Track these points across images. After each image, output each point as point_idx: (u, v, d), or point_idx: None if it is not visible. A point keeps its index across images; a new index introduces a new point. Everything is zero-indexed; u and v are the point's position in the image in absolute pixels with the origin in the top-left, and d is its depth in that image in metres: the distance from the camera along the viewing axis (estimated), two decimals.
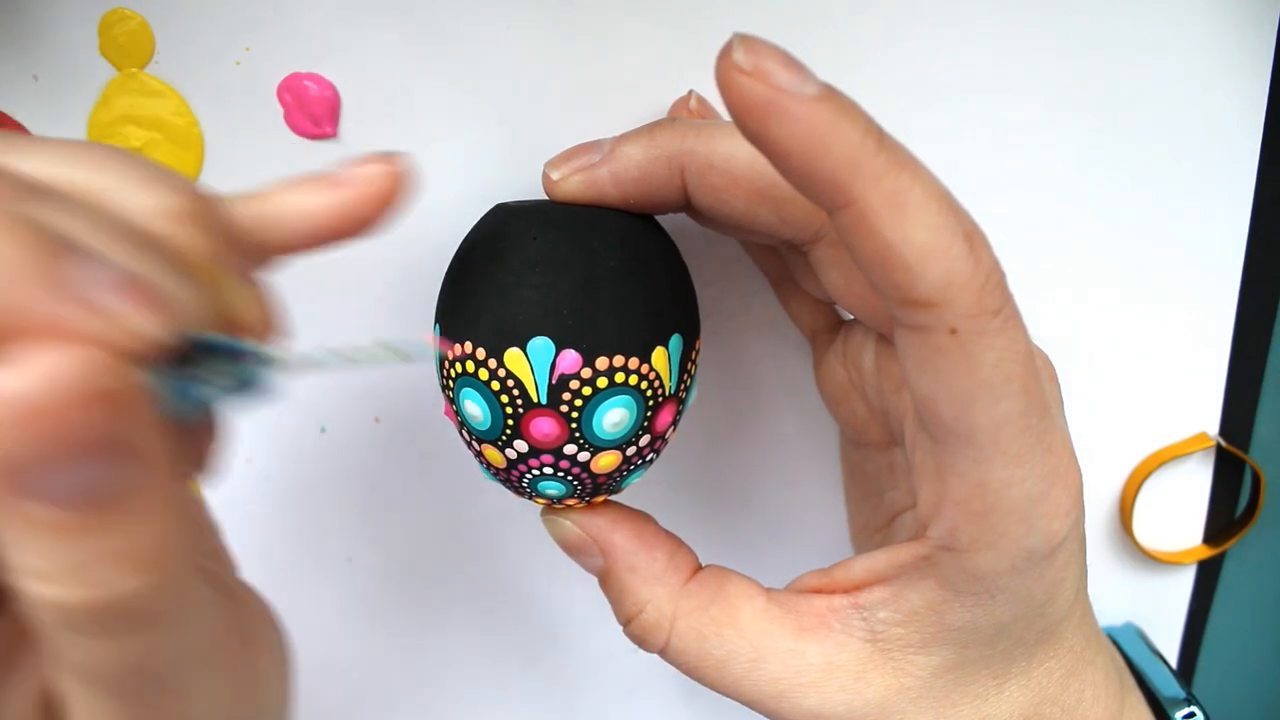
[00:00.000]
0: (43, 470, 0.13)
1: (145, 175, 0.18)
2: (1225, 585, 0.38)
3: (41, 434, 0.13)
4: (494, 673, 0.38)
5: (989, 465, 0.20)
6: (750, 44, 0.17)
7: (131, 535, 0.15)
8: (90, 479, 0.14)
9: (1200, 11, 0.29)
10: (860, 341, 0.27)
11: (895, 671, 0.24)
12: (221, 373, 0.17)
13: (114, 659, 0.16)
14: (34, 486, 0.14)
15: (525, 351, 0.22)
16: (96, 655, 0.16)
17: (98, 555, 0.14)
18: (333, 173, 0.21)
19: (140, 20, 0.27)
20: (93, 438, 0.14)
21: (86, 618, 0.15)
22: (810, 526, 0.35)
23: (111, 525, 0.14)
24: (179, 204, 0.18)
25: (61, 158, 0.17)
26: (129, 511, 0.15)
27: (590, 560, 0.26)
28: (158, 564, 0.15)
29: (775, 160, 0.18)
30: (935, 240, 0.18)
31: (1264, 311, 0.33)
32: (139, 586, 0.15)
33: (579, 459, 0.24)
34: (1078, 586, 0.24)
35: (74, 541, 0.14)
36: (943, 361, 0.19)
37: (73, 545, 0.14)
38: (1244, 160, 0.31)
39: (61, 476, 0.14)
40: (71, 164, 0.17)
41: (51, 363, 0.13)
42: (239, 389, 0.17)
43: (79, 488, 0.14)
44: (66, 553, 0.14)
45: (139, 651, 0.16)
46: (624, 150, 0.24)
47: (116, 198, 0.17)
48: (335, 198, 0.21)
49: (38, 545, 0.14)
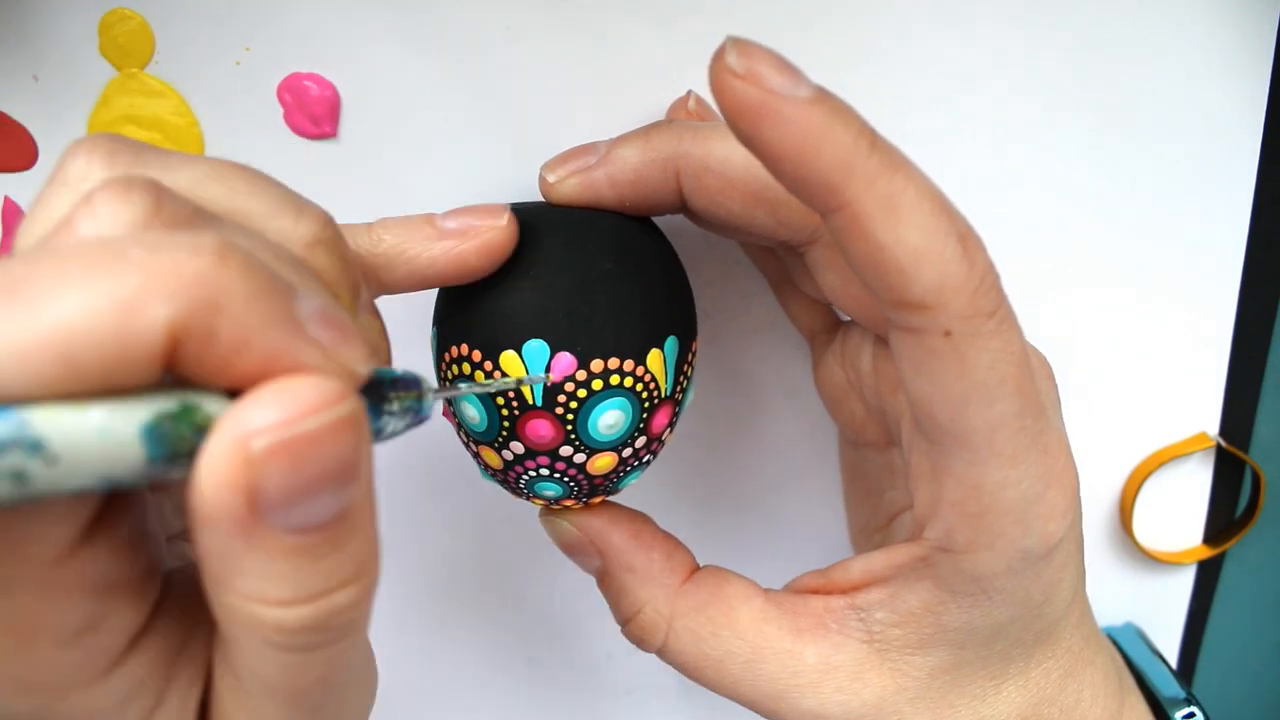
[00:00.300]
0: (297, 499, 0.14)
1: (287, 199, 0.18)
2: (1225, 585, 0.38)
3: (300, 463, 0.14)
4: (494, 673, 0.38)
5: (984, 467, 0.20)
6: (743, 47, 0.17)
7: (351, 552, 0.15)
8: (331, 503, 0.15)
9: (1200, 11, 0.29)
10: (858, 342, 0.27)
11: (892, 672, 0.24)
12: (397, 401, 0.18)
13: (313, 673, 0.16)
14: (282, 515, 0.14)
15: (521, 354, 0.22)
16: (294, 670, 0.16)
17: (325, 574, 0.15)
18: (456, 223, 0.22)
19: (140, 20, 0.27)
20: (341, 464, 0.14)
21: (305, 636, 0.15)
22: (808, 527, 0.35)
23: (339, 545, 0.15)
24: (318, 231, 0.18)
25: (203, 176, 0.17)
26: (351, 530, 0.15)
27: (588, 561, 0.27)
28: (369, 576, 0.16)
29: (768, 163, 0.18)
30: (928, 242, 0.18)
31: (1264, 311, 0.33)
32: (355, 599, 0.16)
33: (575, 460, 0.24)
34: (1075, 587, 0.24)
35: (308, 564, 0.15)
36: (937, 363, 0.19)
37: (307, 568, 0.15)
38: (1244, 160, 0.31)
39: (310, 503, 0.14)
40: (212, 183, 0.17)
41: (307, 395, 0.14)
42: (406, 416, 0.18)
43: (323, 512, 0.15)
44: (300, 576, 0.15)
45: (334, 663, 0.17)
46: (620, 153, 0.24)
47: (269, 225, 0.17)
48: (456, 248, 0.22)
49: (274, 570, 0.15)
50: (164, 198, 0.15)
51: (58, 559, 0.15)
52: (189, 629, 0.18)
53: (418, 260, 0.22)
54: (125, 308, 0.13)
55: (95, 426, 0.13)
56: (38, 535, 0.14)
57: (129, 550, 0.16)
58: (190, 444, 0.14)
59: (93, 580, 0.15)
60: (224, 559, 0.15)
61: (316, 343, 0.15)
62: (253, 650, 0.16)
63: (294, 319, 0.15)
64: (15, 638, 0.15)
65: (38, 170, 0.29)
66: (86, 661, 0.16)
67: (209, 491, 0.14)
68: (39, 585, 0.14)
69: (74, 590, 0.15)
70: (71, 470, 0.13)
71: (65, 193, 0.16)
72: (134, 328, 0.13)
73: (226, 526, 0.14)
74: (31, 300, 0.13)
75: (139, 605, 0.16)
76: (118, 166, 0.17)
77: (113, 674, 0.16)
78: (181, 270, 0.13)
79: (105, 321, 0.13)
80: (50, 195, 0.16)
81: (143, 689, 0.17)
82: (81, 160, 0.16)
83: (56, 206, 0.16)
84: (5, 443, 0.12)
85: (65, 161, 0.17)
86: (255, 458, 0.13)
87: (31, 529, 0.14)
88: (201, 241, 0.14)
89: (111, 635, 0.16)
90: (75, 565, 0.15)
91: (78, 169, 0.16)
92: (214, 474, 0.14)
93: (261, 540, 0.14)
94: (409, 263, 0.22)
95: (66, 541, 0.15)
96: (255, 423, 0.14)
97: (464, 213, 0.23)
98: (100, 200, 0.15)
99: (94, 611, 0.15)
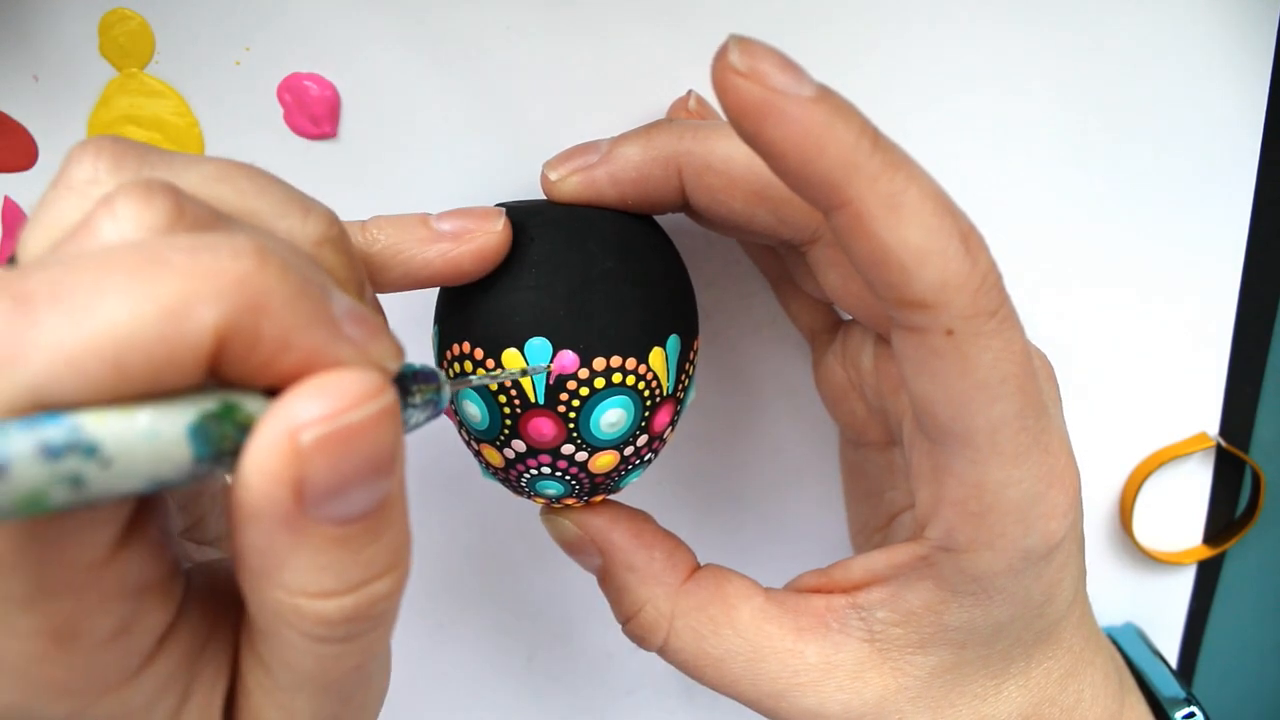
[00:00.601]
0: (342, 490, 0.14)
1: (293, 198, 0.18)
2: (1225, 585, 0.38)
3: (347, 454, 0.14)
4: (494, 673, 0.38)
5: (986, 466, 0.20)
6: (746, 45, 0.17)
7: (388, 542, 0.16)
8: (372, 493, 0.15)
9: (1200, 11, 0.29)
10: (859, 342, 0.27)
11: (893, 671, 0.24)
12: (419, 394, 0.18)
13: (348, 663, 0.17)
14: (327, 507, 0.14)
15: (523, 352, 0.22)
16: (330, 661, 0.17)
17: (365, 565, 0.15)
18: (451, 225, 0.22)
19: (140, 20, 0.27)
20: (382, 454, 0.15)
21: (345, 627, 0.16)
22: (809, 526, 0.35)
23: (378, 535, 0.15)
24: (325, 230, 0.18)
25: (210, 176, 0.17)
26: (389, 520, 0.16)
27: (589, 559, 0.27)
28: (404, 566, 0.16)
29: (771, 161, 0.18)
30: (931, 241, 0.18)
31: (1264, 311, 0.33)
32: (391, 588, 0.16)
33: (577, 459, 0.24)
34: (1076, 587, 0.24)
35: (350, 554, 0.15)
36: (939, 362, 0.19)
37: (348, 559, 0.15)
38: (1244, 160, 0.31)
39: (353, 494, 0.15)
40: (220, 183, 0.17)
41: (352, 388, 0.14)
42: (427, 409, 0.19)
43: (364, 502, 0.15)
44: (342, 567, 0.15)
45: (367, 652, 0.17)
46: (622, 151, 0.24)
47: (277, 224, 0.18)
48: (451, 252, 0.22)
49: (318, 562, 0.15)
50: (184, 201, 0.15)
51: (97, 563, 0.15)
52: (211, 625, 0.18)
53: (412, 262, 0.22)
54: (174, 312, 0.13)
55: (144, 429, 0.13)
56: (78, 540, 0.14)
57: (159, 551, 0.16)
58: (233, 443, 0.14)
59: (129, 583, 0.15)
60: (268, 553, 0.15)
61: (351, 340, 0.15)
62: (290, 643, 0.16)
63: (331, 318, 0.15)
64: (55, 642, 0.15)
65: (38, 170, 0.29)
66: (120, 662, 0.16)
67: (256, 485, 0.14)
68: (79, 590, 0.15)
69: (111, 593, 0.15)
70: (125, 472, 0.13)
71: (73, 196, 0.16)
72: (183, 331, 0.13)
73: (272, 520, 0.14)
74: (79, 306, 0.13)
75: (167, 604, 0.17)
76: (125, 169, 0.17)
77: (143, 673, 0.16)
78: (225, 273, 0.14)
79: (155, 326, 0.13)
80: (57, 198, 0.16)
81: (171, 686, 0.17)
82: (88, 163, 0.16)
83: (65, 209, 0.16)
84: (62, 447, 0.12)
85: (70, 164, 0.17)
86: (304, 450, 0.14)
87: (72, 534, 0.14)
88: (240, 244, 0.14)
89: (143, 635, 0.16)
90: (113, 568, 0.15)
91: (84, 172, 0.16)
92: (262, 467, 0.14)
93: (306, 532, 0.14)
94: (404, 264, 0.22)
95: (106, 546, 0.15)
96: (304, 416, 0.14)
97: (459, 215, 0.23)
98: (122, 203, 0.15)
99: (129, 613, 0.16)
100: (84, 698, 0.16)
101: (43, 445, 0.12)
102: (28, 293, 0.13)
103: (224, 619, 0.18)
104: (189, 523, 0.24)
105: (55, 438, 0.12)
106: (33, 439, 0.12)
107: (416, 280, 0.23)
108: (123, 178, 0.16)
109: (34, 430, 0.12)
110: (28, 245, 0.16)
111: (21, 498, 0.12)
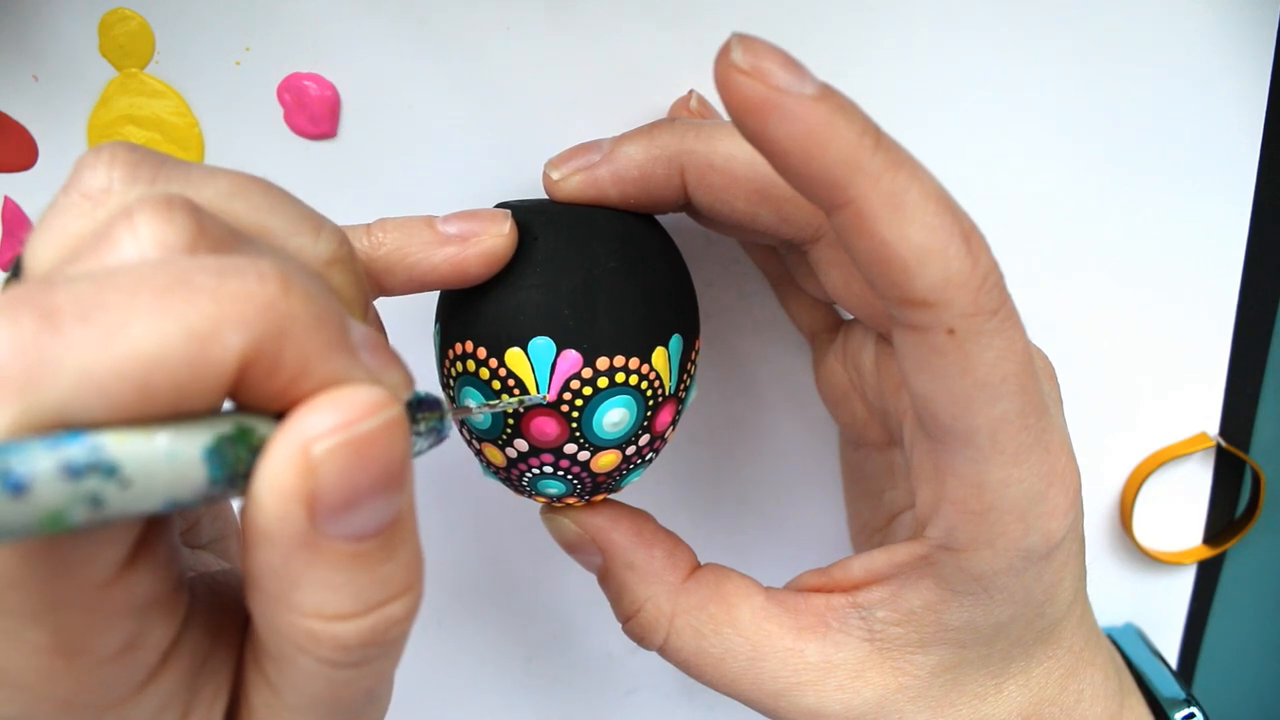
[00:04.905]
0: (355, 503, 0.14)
1: (306, 216, 0.18)
2: (1225, 585, 0.38)
3: (359, 466, 0.14)
4: (494, 672, 0.38)
5: (986, 465, 0.20)
6: (749, 44, 0.17)
7: (402, 560, 0.16)
8: (384, 509, 0.15)
9: (1200, 11, 0.29)
10: (860, 341, 0.27)
11: (894, 671, 0.24)
12: (424, 422, 0.18)
13: (360, 686, 0.17)
14: (341, 523, 0.14)
15: (526, 351, 0.22)
16: (342, 686, 0.16)
17: (381, 584, 0.15)
18: (457, 228, 0.22)
19: (140, 20, 0.27)
20: (393, 466, 0.15)
21: (360, 651, 0.16)
22: (809, 526, 0.35)
23: (391, 553, 0.15)
24: (336, 249, 0.18)
25: (225, 191, 0.17)
26: (402, 538, 0.16)
27: (589, 558, 0.27)
28: (418, 587, 0.16)
29: (773, 160, 0.18)
30: (933, 240, 0.18)
31: (1264, 311, 0.33)
32: (407, 610, 0.16)
33: (579, 458, 0.24)
34: (1076, 586, 0.24)
35: (365, 573, 0.15)
36: (940, 361, 0.19)
37: (363, 577, 0.15)
38: (1244, 160, 0.31)
39: (366, 508, 0.14)
40: (235, 199, 0.17)
41: (361, 400, 0.14)
42: (430, 436, 0.19)
43: (377, 518, 0.15)
44: (357, 587, 0.15)
45: (379, 675, 0.17)
46: (624, 150, 0.24)
47: (289, 242, 0.18)
48: (458, 255, 0.22)
49: (334, 581, 0.15)
50: (204, 219, 0.15)
51: (106, 580, 0.15)
52: (212, 641, 0.18)
53: (418, 266, 0.22)
54: (201, 337, 0.13)
55: (163, 450, 0.13)
56: (89, 557, 0.14)
57: (166, 568, 0.16)
58: (246, 465, 0.14)
59: (136, 599, 0.15)
60: (282, 574, 0.15)
61: (366, 368, 0.15)
62: (303, 668, 0.16)
63: (350, 345, 0.15)
64: (62, 659, 0.15)
65: (38, 170, 0.29)
66: (125, 678, 0.16)
67: (269, 504, 0.14)
68: (87, 606, 0.15)
69: (119, 610, 0.15)
70: (143, 493, 0.13)
71: (86, 204, 0.16)
72: (208, 356, 0.13)
73: (286, 538, 0.14)
74: (107, 326, 0.13)
75: (172, 620, 0.17)
76: (140, 179, 0.16)
77: (147, 689, 0.16)
78: (252, 298, 0.14)
79: (182, 350, 0.13)
80: (69, 205, 0.16)
81: (173, 702, 0.17)
82: (101, 170, 0.16)
83: (78, 219, 0.16)
84: (84, 467, 0.12)
85: (82, 171, 0.16)
86: (316, 462, 0.14)
87: (83, 553, 0.14)
88: (264, 268, 0.14)
89: (148, 651, 0.16)
90: (122, 585, 0.15)
91: (98, 180, 0.16)
92: (275, 484, 0.14)
93: (320, 550, 0.14)
94: (410, 269, 0.22)
95: (116, 565, 0.15)
96: (315, 428, 0.14)
97: (465, 217, 0.23)
98: (142, 219, 0.15)
99: (135, 629, 0.15)
100: (88, 713, 0.16)
101: (65, 465, 0.12)
102: (56, 308, 0.13)
103: (226, 632, 0.18)
104: (183, 527, 0.24)
105: (77, 457, 0.12)
106: (55, 458, 0.12)
107: (422, 283, 0.23)
108: (138, 188, 0.16)
109: (57, 450, 0.12)
110: (37, 252, 0.16)
111: (42, 516, 0.12)
